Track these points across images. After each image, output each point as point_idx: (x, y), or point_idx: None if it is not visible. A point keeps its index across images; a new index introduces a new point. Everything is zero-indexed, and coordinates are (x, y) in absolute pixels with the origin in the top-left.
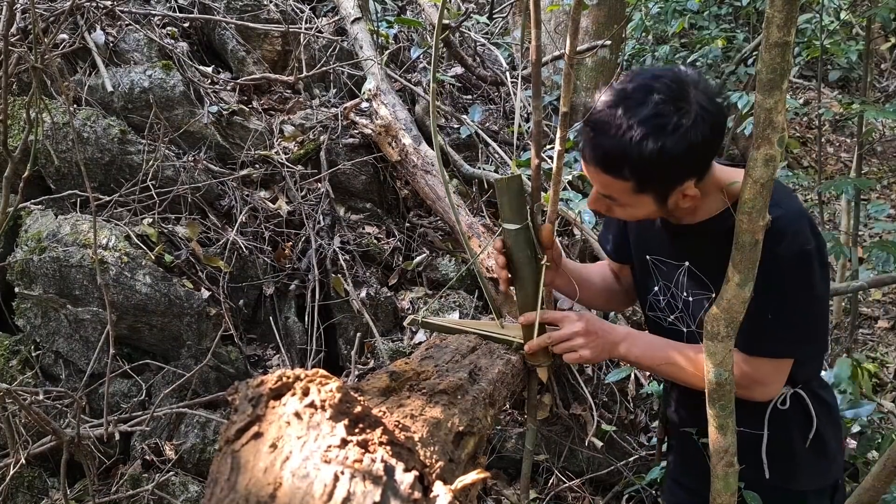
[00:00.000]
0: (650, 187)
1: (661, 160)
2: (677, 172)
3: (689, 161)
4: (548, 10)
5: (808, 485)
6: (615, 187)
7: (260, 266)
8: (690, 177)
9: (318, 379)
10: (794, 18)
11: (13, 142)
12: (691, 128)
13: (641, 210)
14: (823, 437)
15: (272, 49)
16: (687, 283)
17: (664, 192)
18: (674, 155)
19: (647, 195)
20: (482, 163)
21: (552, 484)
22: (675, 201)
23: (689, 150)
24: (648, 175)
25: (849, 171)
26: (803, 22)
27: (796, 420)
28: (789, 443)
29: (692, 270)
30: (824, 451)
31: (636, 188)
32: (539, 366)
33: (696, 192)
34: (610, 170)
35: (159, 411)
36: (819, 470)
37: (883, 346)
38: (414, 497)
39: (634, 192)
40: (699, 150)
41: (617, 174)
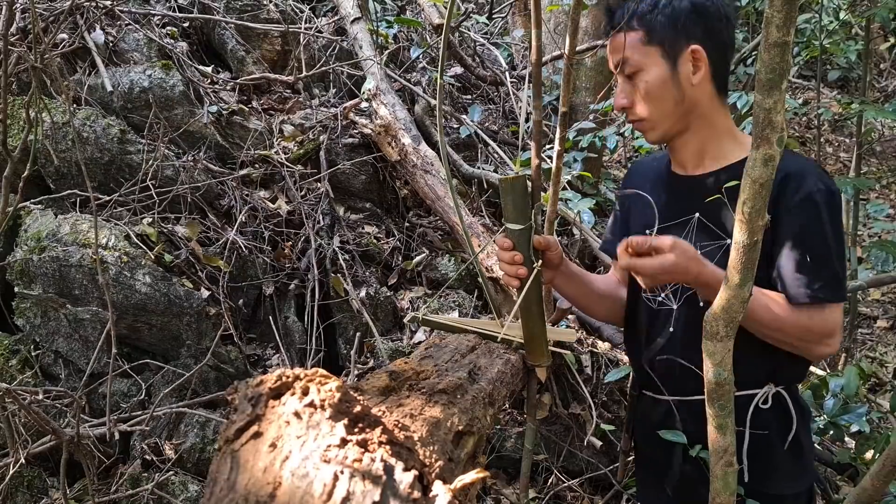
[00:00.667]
0: (656, 36)
1: (665, 10)
2: (681, 25)
3: (693, 18)
4: (547, 10)
5: (783, 488)
6: (628, 43)
7: (260, 266)
8: (695, 39)
9: (317, 378)
10: (793, 18)
11: (13, 142)
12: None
13: (656, 74)
14: (800, 440)
15: (272, 49)
16: (696, 236)
17: (671, 48)
18: (677, 7)
19: (655, 47)
20: (481, 163)
21: (551, 483)
22: (686, 68)
23: (692, 6)
24: (654, 22)
25: (848, 171)
26: (802, 22)
27: (776, 421)
28: (768, 444)
29: (702, 221)
30: (801, 454)
31: (645, 37)
32: (538, 365)
33: (702, 55)
34: (623, 26)
35: (159, 411)
36: (795, 473)
37: (882, 345)
38: (413, 496)
39: (643, 43)
40: (701, 11)
41: (628, 27)
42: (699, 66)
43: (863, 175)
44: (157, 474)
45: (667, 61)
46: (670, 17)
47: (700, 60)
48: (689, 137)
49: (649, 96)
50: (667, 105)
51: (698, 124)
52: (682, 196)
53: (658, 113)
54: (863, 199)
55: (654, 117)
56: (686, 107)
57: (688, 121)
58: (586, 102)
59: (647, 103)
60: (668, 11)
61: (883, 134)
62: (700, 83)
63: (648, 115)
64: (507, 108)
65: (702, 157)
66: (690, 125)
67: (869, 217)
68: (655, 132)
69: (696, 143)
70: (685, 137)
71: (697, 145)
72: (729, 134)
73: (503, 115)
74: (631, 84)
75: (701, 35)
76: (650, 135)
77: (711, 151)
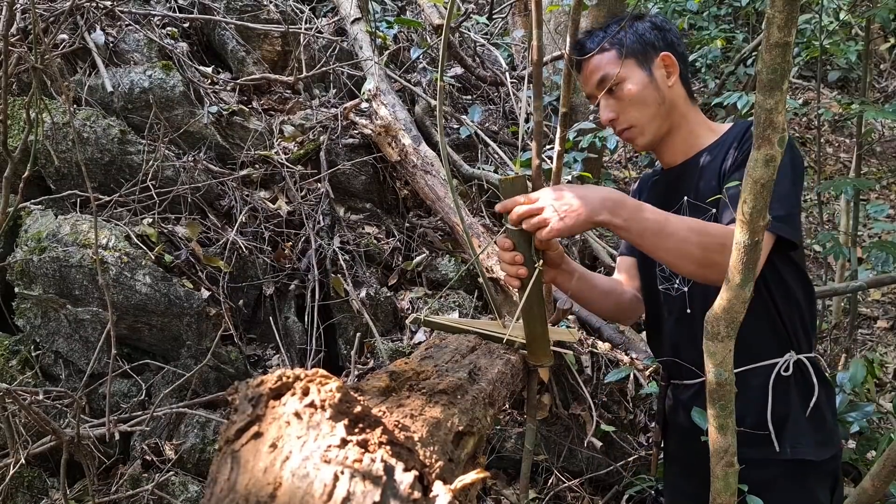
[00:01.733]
0: (629, 50)
1: (631, 29)
2: (645, 38)
3: (653, 32)
4: (548, 11)
5: (808, 454)
6: (604, 61)
7: (260, 266)
8: (661, 48)
9: (317, 379)
10: (794, 19)
11: (13, 142)
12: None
13: (638, 85)
14: (822, 410)
15: (272, 49)
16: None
17: (644, 57)
18: (638, 27)
19: (630, 59)
20: (481, 163)
21: (551, 484)
22: (660, 74)
23: (650, 23)
24: (621, 40)
25: (848, 172)
26: (803, 22)
27: (797, 388)
28: (789, 409)
29: (691, 202)
30: (823, 424)
31: (618, 53)
32: (541, 366)
33: (673, 61)
34: (596, 50)
35: (159, 411)
36: (819, 441)
37: (882, 346)
38: (413, 497)
39: (619, 58)
40: (658, 25)
41: (600, 50)
42: (671, 70)
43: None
44: (158, 475)
45: (643, 69)
46: (636, 34)
47: (671, 65)
48: (673, 136)
49: (634, 101)
50: (651, 108)
51: (679, 123)
52: (673, 186)
53: (644, 116)
54: (863, 200)
55: (641, 122)
56: (667, 107)
57: (671, 121)
58: (586, 103)
59: (633, 109)
60: (632, 31)
61: (883, 134)
62: (674, 85)
63: (635, 120)
64: (508, 109)
65: (685, 150)
66: (673, 125)
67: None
68: (644, 137)
69: (680, 142)
70: (670, 138)
71: (680, 142)
72: (704, 126)
73: (503, 116)
74: (613, 98)
75: (664, 46)
76: (640, 140)
77: (692, 143)
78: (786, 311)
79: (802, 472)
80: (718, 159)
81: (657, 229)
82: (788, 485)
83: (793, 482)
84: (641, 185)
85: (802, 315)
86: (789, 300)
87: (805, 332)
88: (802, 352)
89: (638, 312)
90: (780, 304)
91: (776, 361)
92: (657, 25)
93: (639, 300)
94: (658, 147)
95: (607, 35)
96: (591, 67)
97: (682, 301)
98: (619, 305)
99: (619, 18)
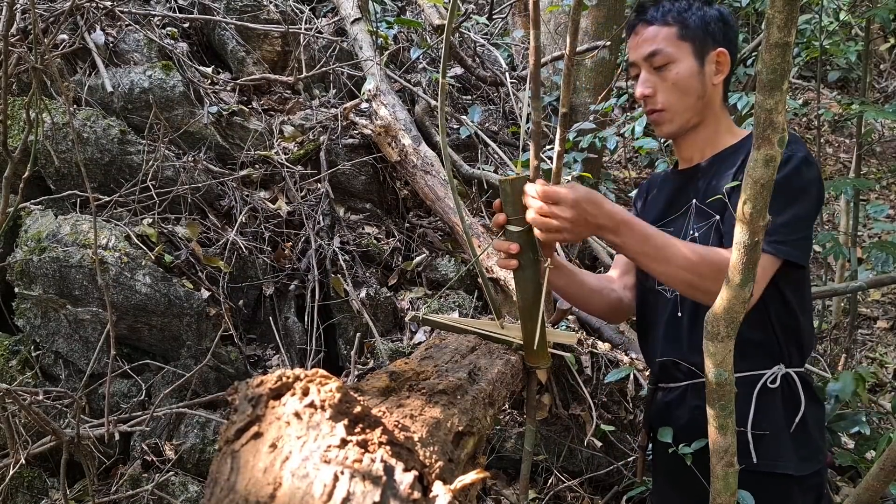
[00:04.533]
0: (690, 34)
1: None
2: (713, 30)
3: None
4: (547, 11)
5: (789, 468)
6: (661, 35)
7: (260, 266)
8: (720, 42)
9: (317, 379)
10: (794, 19)
11: (13, 142)
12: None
13: (685, 68)
14: (808, 427)
15: (272, 49)
16: (694, 221)
17: (702, 46)
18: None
19: (687, 43)
20: (481, 163)
21: (551, 484)
22: (711, 69)
23: (721, 19)
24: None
25: (848, 172)
26: (803, 22)
27: (783, 402)
28: (773, 423)
29: (698, 206)
30: (807, 440)
31: (679, 34)
32: (538, 367)
33: (727, 59)
34: (656, 20)
35: (159, 411)
36: (802, 456)
37: (882, 346)
38: (413, 497)
39: (679, 38)
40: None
41: (662, 22)
42: (721, 69)
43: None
44: (157, 475)
45: (696, 58)
46: (702, 19)
47: (723, 63)
48: (699, 132)
49: (677, 87)
50: (690, 98)
51: (708, 121)
52: (683, 187)
53: (681, 104)
54: (863, 200)
55: (676, 108)
56: (704, 102)
57: (702, 116)
58: (586, 103)
59: (672, 94)
60: (700, 14)
61: (883, 135)
62: (718, 84)
63: (671, 105)
64: (507, 109)
65: (704, 149)
66: (702, 121)
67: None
68: (672, 124)
69: (702, 139)
70: (694, 133)
71: (703, 141)
72: (727, 129)
73: (503, 116)
74: (656, 75)
75: (723, 41)
76: (666, 126)
77: (714, 142)
78: (780, 325)
79: (785, 485)
80: (731, 169)
81: (655, 254)
82: (770, 497)
83: (774, 495)
84: (650, 183)
85: (798, 330)
86: (786, 314)
87: (798, 348)
88: (793, 366)
89: (626, 313)
90: (776, 317)
91: (764, 372)
92: (724, 18)
93: (627, 301)
94: (679, 139)
95: (674, 8)
96: (645, 36)
97: (674, 304)
98: (609, 304)
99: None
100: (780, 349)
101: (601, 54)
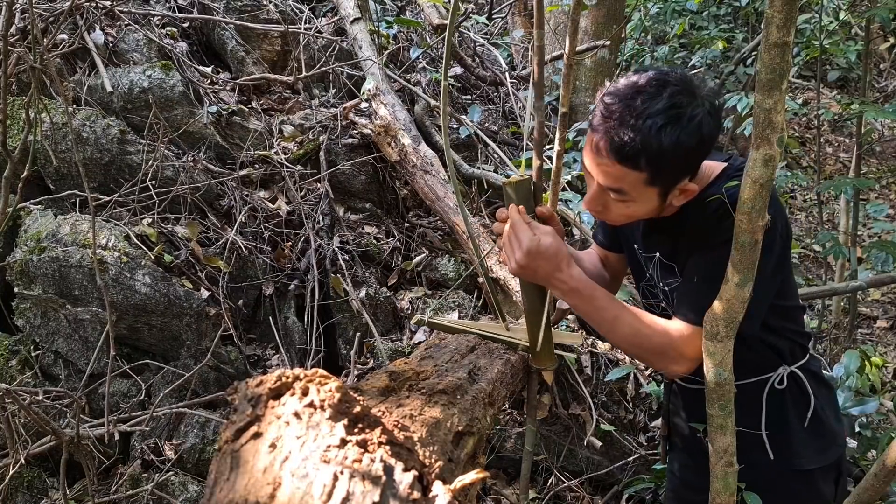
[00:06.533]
0: (661, 179)
1: (677, 151)
2: (686, 164)
3: (698, 153)
4: (547, 11)
5: (809, 463)
6: (628, 179)
7: (259, 266)
8: (692, 171)
9: (317, 379)
10: (793, 19)
11: (12, 142)
12: (703, 120)
13: (643, 207)
14: (821, 417)
15: (272, 49)
16: (661, 275)
17: (670, 186)
18: (688, 146)
19: (656, 188)
20: (481, 163)
21: (551, 484)
22: (672, 198)
23: (700, 142)
24: (663, 165)
25: (848, 171)
26: (802, 22)
27: (793, 400)
28: (787, 423)
29: (663, 261)
30: (823, 429)
31: (648, 179)
32: (544, 369)
33: (693, 188)
34: (626, 160)
35: (159, 411)
36: (819, 448)
37: (882, 345)
38: (413, 497)
39: (646, 184)
40: (707, 143)
41: (633, 165)
42: (688, 195)
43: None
44: (157, 475)
45: (660, 197)
46: (680, 163)
47: (690, 193)
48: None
49: (631, 217)
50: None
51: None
52: (647, 234)
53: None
54: (863, 200)
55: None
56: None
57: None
58: (586, 103)
59: (623, 218)
60: (680, 155)
61: (883, 134)
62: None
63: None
64: (507, 109)
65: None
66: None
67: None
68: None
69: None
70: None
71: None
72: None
73: (503, 116)
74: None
75: (697, 162)
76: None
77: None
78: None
79: (805, 477)
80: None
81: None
82: (791, 490)
83: (796, 487)
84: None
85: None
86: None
87: (801, 345)
88: (797, 360)
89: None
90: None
91: (770, 376)
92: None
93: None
94: None
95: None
96: (610, 169)
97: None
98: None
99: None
100: (781, 350)
101: (601, 54)
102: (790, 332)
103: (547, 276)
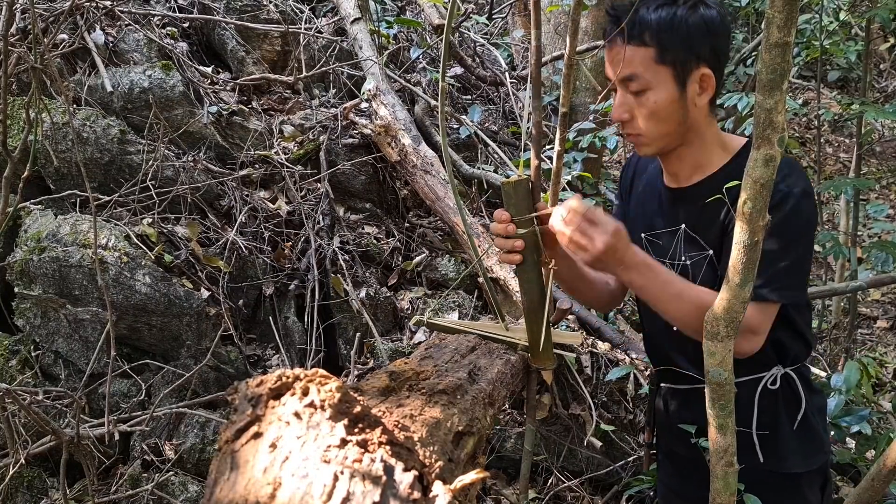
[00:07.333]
0: (669, 55)
1: (678, 25)
2: (691, 42)
3: (701, 34)
4: (547, 11)
5: (796, 467)
6: (637, 59)
7: (260, 266)
8: (705, 60)
9: (317, 379)
10: (794, 19)
11: (13, 142)
12: (706, 9)
13: (662, 95)
14: (810, 420)
15: (272, 49)
16: (684, 248)
17: (683, 69)
18: (690, 23)
19: (667, 66)
20: (481, 163)
21: (551, 484)
22: (693, 90)
23: (701, 22)
24: (666, 39)
25: (848, 172)
26: (803, 22)
27: (785, 401)
28: (777, 424)
29: (688, 233)
30: (811, 434)
31: (657, 55)
32: (543, 368)
33: (711, 79)
34: (631, 38)
35: (159, 411)
36: (807, 452)
37: (882, 345)
38: (413, 497)
39: (656, 62)
40: (713, 30)
41: (638, 41)
42: (705, 88)
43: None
44: (157, 475)
45: (676, 83)
46: (685, 36)
47: (708, 84)
48: (682, 151)
49: (655, 116)
50: (670, 125)
51: (691, 138)
52: (671, 207)
53: (659, 132)
54: (863, 200)
55: (653, 135)
56: (686, 126)
57: (684, 138)
58: (586, 103)
59: (650, 122)
60: (683, 30)
61: (883, 134)
62: (702, 104)
63: (648, 132)
64: (507, 109)
65: (692, 168)
66: (685, 142)
67: (869, 217)
68: (651, 147)
69: (687, 157)
70: (678, 152)
71: (689, 158)
72: (717, 142)
73: (503, 116)
74: (633, 99)
75: (709, 55)
76: (644, 149)
77: (701, 162)
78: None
79: (792, 481)
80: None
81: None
82: (778, 493)
83: (783, 491)
84: (636, 171)
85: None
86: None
87: (803, 344)
88: (798, 362)
89: (619, 299)
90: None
91: (763, 375)
92: (711, 27)
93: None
94: (664, 157)
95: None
96: (620, 56)
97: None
98: (609, 293)
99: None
100: (786, 347)
101: (601, 54)
102: (800, 327)
103: (623, 254)
